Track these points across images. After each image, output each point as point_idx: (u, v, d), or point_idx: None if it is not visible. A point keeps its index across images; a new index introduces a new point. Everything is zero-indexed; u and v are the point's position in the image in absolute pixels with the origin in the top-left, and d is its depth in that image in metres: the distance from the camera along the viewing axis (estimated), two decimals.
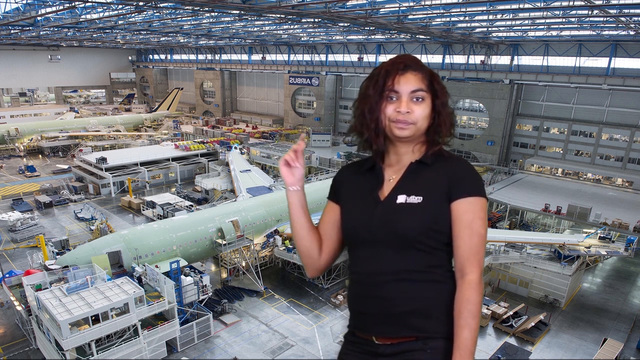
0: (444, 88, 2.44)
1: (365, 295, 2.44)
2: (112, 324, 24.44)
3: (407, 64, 2.40)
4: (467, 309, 2.20)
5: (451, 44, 61.83)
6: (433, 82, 2.41)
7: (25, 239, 42.44)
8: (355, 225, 2.50)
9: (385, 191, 2.47)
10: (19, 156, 76.39)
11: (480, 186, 2.36)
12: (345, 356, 2.53)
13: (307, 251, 2.66)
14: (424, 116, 2.38)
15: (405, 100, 2.36)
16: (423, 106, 2.38)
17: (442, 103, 2.41)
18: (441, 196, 2.33)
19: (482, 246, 2.29)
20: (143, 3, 34.54)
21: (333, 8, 35.54)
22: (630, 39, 46.25)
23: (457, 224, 2.30)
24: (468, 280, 2.25)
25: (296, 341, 29.15)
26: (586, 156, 55.33)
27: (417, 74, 2.39)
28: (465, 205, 2.30)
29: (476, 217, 2.28)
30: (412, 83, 2.37)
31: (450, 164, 2.42)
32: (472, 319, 2.18)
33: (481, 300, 2.24)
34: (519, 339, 29.95)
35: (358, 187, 2.59)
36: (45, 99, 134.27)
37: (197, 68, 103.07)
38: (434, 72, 2.45)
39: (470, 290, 2.22)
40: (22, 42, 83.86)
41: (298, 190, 2.63)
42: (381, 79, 2.40)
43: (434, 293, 2.33)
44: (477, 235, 2.27)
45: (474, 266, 2.26)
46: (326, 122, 79.21)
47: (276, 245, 38.42)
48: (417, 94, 2.37)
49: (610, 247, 35.95)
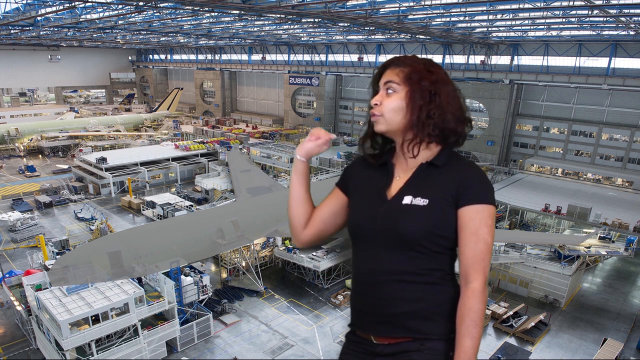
0: (423, 79, 2.35)
1: (365, 293, 2.44)
2: (112, 324, 24.47)
3: (391, 61, 2.46)
4: (469, 317, 2.18)
5: (451, 44, 61.83)
6: (411, 75, 2.36)
7: (25, 239, 42.44)
8: (359, 222, 2.50)
9: (393, 190, 2.46)
10: (19, 156, 76.39)
11: (490, 193, 2.32)
12: (346, 355, 2.54)
13: (292, 219, 2.73)
14: (390, 108, 2.38)
15: (381, 93, 2.42)
16: (393, 98, 2.39)
17: (422, 96, 2.34)
18: (448, 201, 2.30)
19: (488, 254, 2.27)
20: (143, 3, 34.53)
21: (333, 8, 35.55)
22: (630, 39, 46.25)
23: (463, 231, 2.28)
24: (472, 288, 2.23)
25: (296, 341, 29.15)
26: (586, 156, 55.32)
27: (394, 69, 2.43)
28: (473, 212, 2.27)
29: (483, 224, 2.25)
30: (387, 76, 2.43)
31: (460, 169, 2.37)
32: (474, 328, 2.17)
33: (484, 308, 2.22)
34: (519, 339, 29.94)
35: (367, 183, 2.59)
36: (45, 99, 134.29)
37: (197, 68, 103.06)
38: (417, 66, 2.39)
39: (474, 298, 2.21)
40: (22, 42, 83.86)
41: (303, 161, 2.71)
42: (374, 79, 2.51)
43: (432, 295, 2.32)
44: (483, 242, 2.25)
45: (478, 274, 2.25)
46: (326, 122, 79.19)
47: (276, 245, 38.47)
48: (387, 85, 2.41)
49: (610, 247, 36.00)
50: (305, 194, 2.72)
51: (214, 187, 53.01)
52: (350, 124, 79.20)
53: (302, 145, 2.69)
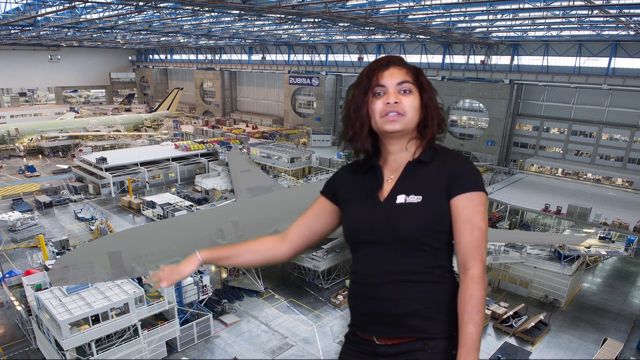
0: (429, 83, 2.46)
1: (366, 295, 2.44)
2: (112, 324, 24.47)
3: (390, 60, 2.44)
4: (470, 303, 2.19)
5: (451, 44, 61.83)
6: (419, 76, 2.43)
7: (25, 239, 42.43)
8: (356, 227, 2.50)
9: (385, 192, 2.46)
10: (19, 156, 76.39)
11: (478, 180, 2.35)
12: (346, 356, 2.54)
13: (264, 260, 2.84)
14: (412, 106, 2.38)
15: (393, 92, 2.38)
16: (411, 97, 2.39)
17: (430, 97, 2.42)
18: (441, 194, 2.32)
19: (484, 240, 2.28)
20: (143, 3, 34.54)
21: (333, 8, 35.56)
22: (630, 39, 46.25)
23: (458, 220, 2.29)
24: (471, 275, 2.23)
25: (296, 341, 29.16)
26: (586, 156, 55.33)
27: (401, 69, 2.42)
28: (464, 201, 2.29)
29: (476, 211, 2.27)
30: (398, 76, 2.39)
31: (448, 161, 2.40)
32: (476, 314, 2.17)
33: (484, 294, 2.22)
34: (519, 339, 29.95)
35: (358, 189, 2.59)
36: (45, 99, 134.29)
37: (197, 68, 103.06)
38: (418, 67, 2.47)
39: (473, 285, 2.21)
40: (22, 42, 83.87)
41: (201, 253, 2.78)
42: (365, 77, 2.44)
43: (434, 294, 2.33)
44: (478, 229, 2.26)
45: (476, 261, 2.25)
46: (326, 122, 79.23)
47: None
48: (404, 86, 2.38)
49: (610, 247, 35.99)
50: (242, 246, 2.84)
51: (214, 187, 53.00)
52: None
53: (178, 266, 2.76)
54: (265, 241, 2.83)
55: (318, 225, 2.78)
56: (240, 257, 2.81)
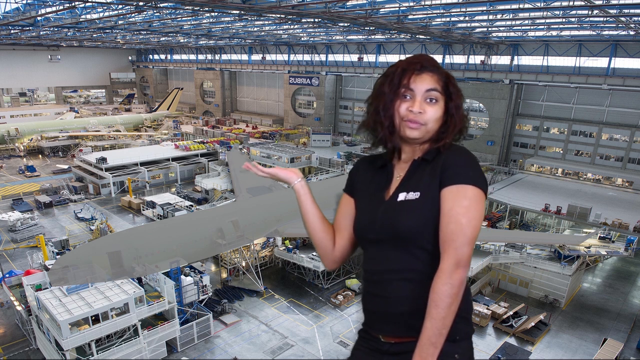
0: (459, 91, 2.43)
1: (371, 293, 2.48)
2: (112, 324, 24.48)
3: (423, 64, 2.40)
4: (431, 297, 2.13)
5: (451, 44, 61.83)
6: (448, 85, 2.41)
7: (25, 239, 42.45)
8: (363, 225, 2.54)
9: (391, 190, 2.49)
10: (19, 156, 76.42)
11: (469, 173, 2.27)
12: (357, 351, 2.60)
13: (321, 243, 2.72)
14: (434, 118, 2.36)
15: (419, 100, 2.36)
16: (436, 108, 2.37)
17: (456, 106, 2.40)
18: (437, 188, 2.29)
19: (460, 235, 2.15)
20: (143, 3, 34.54)
21: (333, 8, 35.55)
22: (630, 39, 46.24)
23: (440, 213, 2.24)
24: (440, 269, 2.16)
25: (296, 341, 29.16)
26: (586, 156, 55.33)
27: (433, 75, 2.39)
28: (447, 193, 2.23)
29: (456, 205, 2.18)
30: (428, 83, 2.37)
31: (445, 155, 2.37)
32: (434, 308, 2.10)
33: (450, 290, 2.10)
34: (519, 339, 29.96)
35: (369, 186, 2.63)
36: (45, 99, 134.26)
37: (197, 68, 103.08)
38: (450, 74, 2.45)
39: (437, 279, 2.14)
40: (22, 42, 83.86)
41: (302, 181, 2.74)
42: (397, 77, 2.40)
43: None
44: (454, 223, 2.16)
45: (446, 253, 2.16)
46: (326, 122, 79.24)
47: (276, 245, 38.46)
48: (431, 94, 2.36)
49: (610, 247, 36.00)
50: (320, 213, 2.74)
51: (214, 187, 53.02)
52: (350, 124, 79.16)
53: (285, 170, 2.78)
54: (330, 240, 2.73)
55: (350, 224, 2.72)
56: (311, 225, 2.72)
